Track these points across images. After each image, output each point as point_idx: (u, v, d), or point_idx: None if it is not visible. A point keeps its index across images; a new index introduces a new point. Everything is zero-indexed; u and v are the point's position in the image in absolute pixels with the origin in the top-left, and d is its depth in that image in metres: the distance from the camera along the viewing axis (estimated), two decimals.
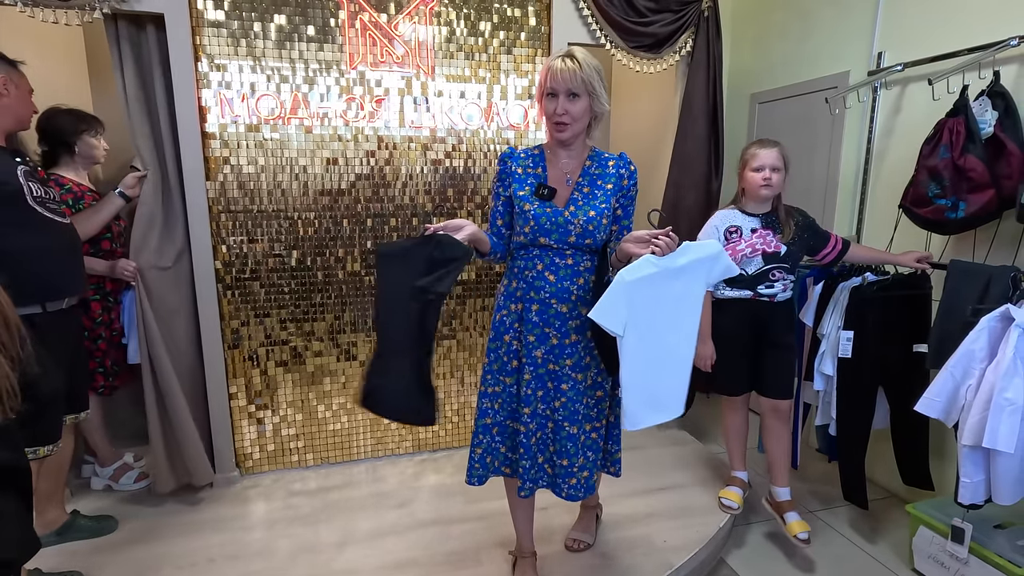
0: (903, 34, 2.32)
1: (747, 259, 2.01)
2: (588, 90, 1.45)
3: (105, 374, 2.23)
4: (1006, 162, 1.83)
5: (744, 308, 2.05)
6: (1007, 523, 1.88)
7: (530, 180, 1.56)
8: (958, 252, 2.09)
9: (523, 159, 1.59)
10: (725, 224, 2.04)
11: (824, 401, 2.25)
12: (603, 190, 1.54)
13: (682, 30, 2.48)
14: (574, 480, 1.61)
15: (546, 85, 1.47)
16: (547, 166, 1.58)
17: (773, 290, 2.02)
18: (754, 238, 2.01)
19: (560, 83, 1.43)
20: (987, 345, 1.64)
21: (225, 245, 2.26)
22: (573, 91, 1.44)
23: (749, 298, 2.03)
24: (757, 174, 1.97)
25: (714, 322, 2.07)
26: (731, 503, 2.18)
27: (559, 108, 1.45)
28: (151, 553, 1.95)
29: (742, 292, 2.04)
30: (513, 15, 2.38)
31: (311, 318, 2.40)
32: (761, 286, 2.02)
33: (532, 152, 1.61)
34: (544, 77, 1.47)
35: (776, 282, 2.02)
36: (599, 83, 1.46)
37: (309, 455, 2.51)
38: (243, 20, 2.13)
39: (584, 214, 1.51)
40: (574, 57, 1.44)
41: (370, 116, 2.31)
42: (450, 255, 1.38)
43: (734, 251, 2.01)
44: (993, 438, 1.55)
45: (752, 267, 2.01)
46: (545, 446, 1.63)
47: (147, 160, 2.10)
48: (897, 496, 2.42)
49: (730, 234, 2.03)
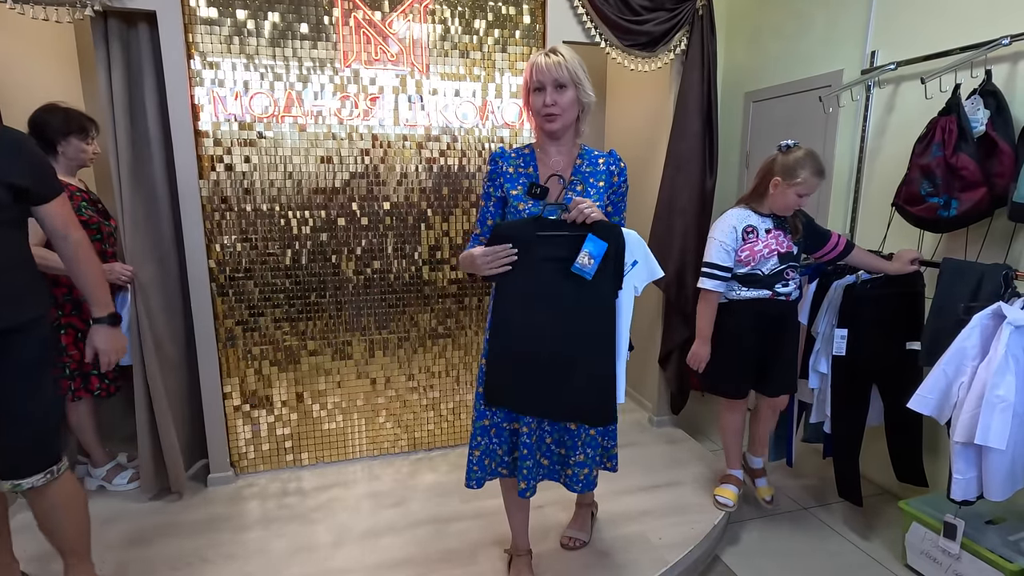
0: (896, 33, 2.33)
1: (764, 259, 2.00)
2: (574, 80, 1.45)
3: (100, 376, 2.21)
4: (998, 160, 1.84)
5: (760, 308, 2.04)
6: (999, 519, 1.90)
7: (522, 179, 1.56)
8: (950, 250, 2.10)
9: (514, 159, 1.59)
10: (743, 224, 2.01)
11: (819, 399, 2.26)
12: (595, 188, 1.55)
13: (677, 28, 2.49)
14: (570, 471, 1.64)
15: (532, 81, 1.48)
16: (538, 165, 1.57)
17: (788, 288, 2.03)
18: (769, 238, 2.01)
19: (546, 74, 1.44)
20: (979, 342, 1.65)
21: (219, 244, 2.25)
22: (560, 82, 1.45)
23: (767, 298, 2.03)
24: (800, 197, 1.93)
25: (724, 323, 2.07)
26: (726, 500, 2.19)
27: (547, 99, 1.46)
28: (145, 553, 1.94)
29: (760, 292, 2.03)
30: (508, 13, 2.38)
31: (306, 317, 2.39)
32: (778, 285, 2.02)
33: (522, 151, 1.60)
34: (529, 74, 1.48)
35: (790, 280, 2.03)
36: (583, 74, 1.47)
37: (304, 454, 2.51)
38: (236, 17, 2.11)
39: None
40: (557, 51, 1.46)
41: (364, 114, 2.30)
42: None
43: (752, 251, 2.00)
44: (985, 435, 1.57)
45: (768, 267, 2.01)
46: (543, 442, 1.65)
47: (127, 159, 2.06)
48: (890, 493, 2.44)
49: (747, 234, 2.01)
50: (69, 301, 2.11)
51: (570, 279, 1.47)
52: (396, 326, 2.51)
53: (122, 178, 2.06)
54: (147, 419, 2.16)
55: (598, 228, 1.45)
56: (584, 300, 1.49)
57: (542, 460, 1.66)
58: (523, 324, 1.51)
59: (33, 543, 2.00)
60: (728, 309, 2.07)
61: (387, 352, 2.52)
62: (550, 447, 1.66)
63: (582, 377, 1.51)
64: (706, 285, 2.03)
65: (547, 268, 1.48)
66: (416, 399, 2.60)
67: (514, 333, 1.52)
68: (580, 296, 1.48)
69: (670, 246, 2.62)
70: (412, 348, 2.54)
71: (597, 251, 1.44)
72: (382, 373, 2.53)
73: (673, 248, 2.61)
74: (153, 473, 2.21)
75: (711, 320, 2.06)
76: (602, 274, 1.47)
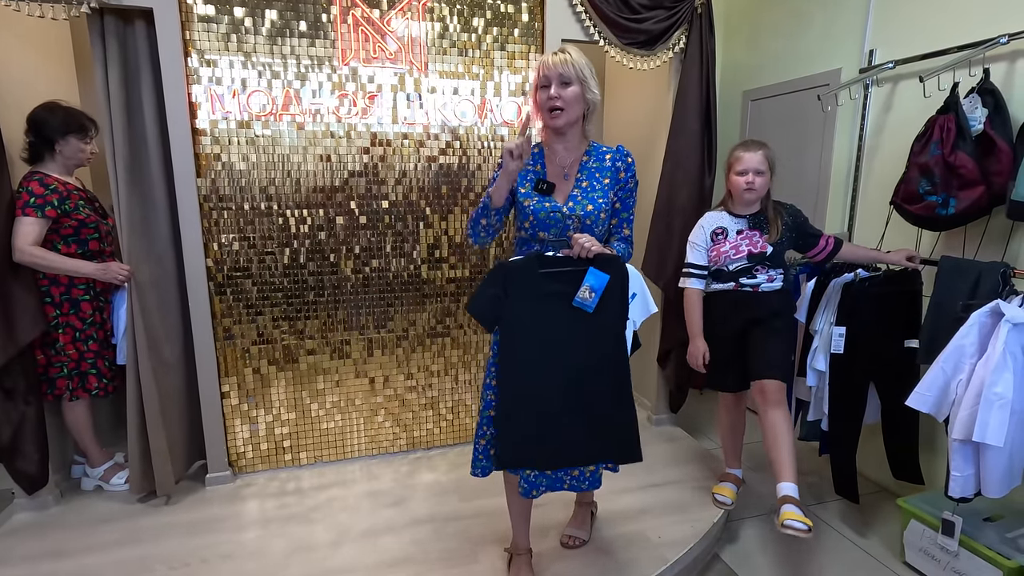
0: (894, 32, 2.34)
1: (730, 259, 2.04)
2: (579, 77, 1.49)
3: (99, 375, 2.20)
4: (996, 159, 1.84)
5: (728, 299, 2.08)
6: (996, 516, 1.91)
7: (530, 176, 1.59)
8: (948, 248, 2.11)
9: None
10: (712, 226, 2.08)
11: (816, 397, 2.26)
12: (600, 184, 1.56)
13: (675, 27, 2.48)
14: (576, 473, 1.67)
15: (539, 78, 1.52)
16: (545, 162, 1.60)
17: (755, 280, 2.04)
18: (739, 239, 2.03)
19: (552, 70, 1.48)
20: (977, 340, 1.66)
21: (216, 243, 2.24)
22: (565, 78, 1.48)
23: (732, 289, 2.07)
24: (740, 178, 1.99)
25: (704, 314, 2.11)
26: (724, 499, 2.19)
27: (552, 92, 1.49)
28: (144, 553, 1.94)
29: (725, 284, 2.08)
30: (506, 11, 2.37)
31: (304, 316, 2.39)
32: (743, 278, 2.05)
33: (531, 149, 1.62)
34: (537, 73, 1.52)
35: (759, 274, 2.04)
36: (590, 74, 1.51)
37: (303, 454, 2.50)
38: (233, 15, 2.10)
39: (582, 208, 1.54)
40: (564, 50, 1.50)
41: (363, 112, 2.29)
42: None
43: (718, 252, 2.06)
44: (983, 432, 1.57)
45: (734, 266, 2.04)
46: None
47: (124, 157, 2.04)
48: (888, 490, 2.45)
49: (716, 236, 2.07)
50: (67, 300, 2.10)
51: (574, 313, 1.49)
52: (395, 325, 2.50)
53: (119, 177, 2.05)
54: (138, 421, 2.14)
55: (600, 261, 1.47)
56: (590, 332, 1.49)
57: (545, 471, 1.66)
58: (532, 365, 1.50)
59: (33, 543, 1.99)
60: (705, 302, 2.12)
61: (386, 351, 2.51)
62: None
63: (601, 416, 1.51)
64: (682, 283, 2.12)
65: (551, 304, 1.50)
66: (415, 398, 2.59)
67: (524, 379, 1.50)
68: (586, 329, 1.49)
69: (669, 244, 2.62)
70: (411, 347, 2.54)
71: (598, 284, 1.46)
72: (381, 372, 2.52)
73: (672, 246, 2.60)
74: (140, 475, 2.18)
75: (696, 317, 2.10)
76: (605, 305, 1.48)
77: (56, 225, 2.05)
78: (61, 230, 2.07)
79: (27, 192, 1.99)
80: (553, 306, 1.49)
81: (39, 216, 1.98)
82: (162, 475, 2.18)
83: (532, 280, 1.49)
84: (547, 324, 1.50)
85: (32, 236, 1.98)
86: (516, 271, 1.50)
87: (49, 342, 2.10)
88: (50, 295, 2.08)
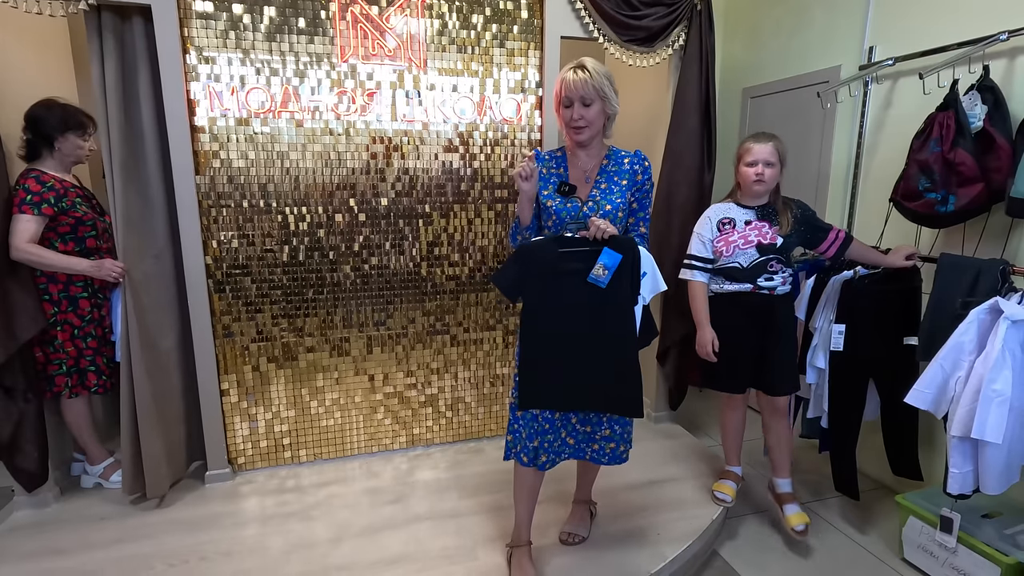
0: (894, 29, 2.33)
1: (740, 251, 2.01)
2: (600, 95, 1.60)
3: (98, 372, 2.19)
4: (995, 156, 1.84)
5: (744, 301, 2.04)
6: (994, 512, 1.91)
7: (553, 179, 1.71)
8: (948, 245, 2.11)
9: (547, 160, 1.75)
10: (719, 216, 2.06)
11: (816, 394, 2.27)
12: (618, 186, 1.67)
13: (675, 24, 2.48)
14: (596, 446, 1.77)
15: (561, 96, 1.62)
16: (568, 166, 1.73)
17: (773, 283, 2.02)
18: (748, 229, 2.01)
19: (574, 92, 1.59)
20: (976, 337, 1.66)
21: (215, 240, 2.24)
22: (586, 99, 1.59)
23: (749, 291, 2.03)
24: (750, 169, 1.98)
25: (713, 317, 2.07)
26: (724, 496, 2.19)
27: (575, 115, 1.61)
28: (143, 550, 1.94)
29: (742, 286, 2.03)
30: (505, 8, 2.37)
31: (303, 313, 2.39)
32: (760, 278, 2.01)
33: (555, 154, 1.76)
34: (559, 88, 1.62)
35: (775, 274, 2.02)
36: (609, 87, 1.62)
37: (302, 451, 2.50)
38: (232, 12, 2.10)
39: (601, 208, 1.64)
40: (584, 67, 1.58)
41: (362, 110, 2.29)
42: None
43: (726, 242, 2.02)
44: (982, 429, 1.58)
45: (747, 259, 2.00)
46: (568, 420, 1.75)
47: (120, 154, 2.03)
48: (887, 487, 2.45)
49: (723, 225, 2.04)
50: (65, 298, 2.10)
51: (590, 288, 1.61)
52: (394, 322, 2.50)
53: (115, 174, 2.04)
54: (130, 423, 2.13)
55: (614, 242, 1.59)
56: (603, 305, 1.62)
57: (568, 439, 1.76)
58: (550, 331, 1.64)
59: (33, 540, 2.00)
60: (714, 303, 2.09)
61: (385, 349, 2.51)
62: (575, 426, 1.75)
63: (608, 373, 1.64)
64: (683, 275, 2.11)
65: (569, 280, 1.62)
66: (414, 395, 2.59)
67: (542, 341, 1.65)
68: (600, 302, 1.62)
69: (669, 242, 2.62)
70: (410, 344, 2.54)
71: (611, 263, 1.59)
72: (380, 369, 2.52)
73: (672, 243, 2.60)
74: (132, 476, 2.16)
75: (703, 306, 2.07)
76: (617, 282, 1.61)
77: (53, 223, 2.05)
78: (58, 228, 2.06)
79: (24, 190, 1.98)
80: (570, 281, 1.62)
81: (36, 214, 1.98)
82: (154, 477, 2.16)
83: (551, 258, 1.61)
84: (563, 296, 1.63)
85: (28, 234, 1.97)
86: (537, 249, 1.64)
87: (48, 339, 2.10)
88: (48, 293, 2.08)
